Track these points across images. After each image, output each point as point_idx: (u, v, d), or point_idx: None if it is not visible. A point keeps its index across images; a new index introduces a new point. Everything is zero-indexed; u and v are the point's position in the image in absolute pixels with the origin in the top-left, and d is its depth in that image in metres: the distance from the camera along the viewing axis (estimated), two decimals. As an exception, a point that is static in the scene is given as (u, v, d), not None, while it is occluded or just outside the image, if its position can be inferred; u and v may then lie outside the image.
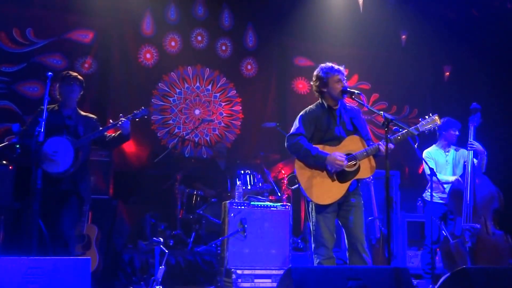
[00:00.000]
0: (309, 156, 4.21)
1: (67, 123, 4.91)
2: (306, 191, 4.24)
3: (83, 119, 5.04)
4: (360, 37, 9.06)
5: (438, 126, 4.61)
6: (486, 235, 5.74)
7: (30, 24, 7.82)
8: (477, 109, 5.95)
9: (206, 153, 8.77)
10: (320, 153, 4.20)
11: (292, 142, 4.31)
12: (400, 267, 3.27)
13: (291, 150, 4.35)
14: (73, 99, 5.00)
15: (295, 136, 4.32)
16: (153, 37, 8.61)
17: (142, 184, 8.10)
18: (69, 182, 4.80)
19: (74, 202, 4.84)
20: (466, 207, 5.75)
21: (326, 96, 4.39)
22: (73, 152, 4.76)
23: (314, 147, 4.23)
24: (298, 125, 4.36)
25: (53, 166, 4.73)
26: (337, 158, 4.15)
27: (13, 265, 3.51)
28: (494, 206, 5.87)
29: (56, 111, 4.98)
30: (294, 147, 4.30)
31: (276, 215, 6.09)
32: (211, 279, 6.20)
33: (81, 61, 8.11)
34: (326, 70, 4.38)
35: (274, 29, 9.27)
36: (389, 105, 9.60)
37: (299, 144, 4.25)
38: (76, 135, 4.88)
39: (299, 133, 4.32)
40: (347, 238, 4.32)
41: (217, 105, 8.95)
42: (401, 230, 7.32)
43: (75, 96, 5.00)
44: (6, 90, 7.65)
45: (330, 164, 4.18)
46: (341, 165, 4.16)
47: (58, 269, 3.59)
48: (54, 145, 4.76)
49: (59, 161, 4.74)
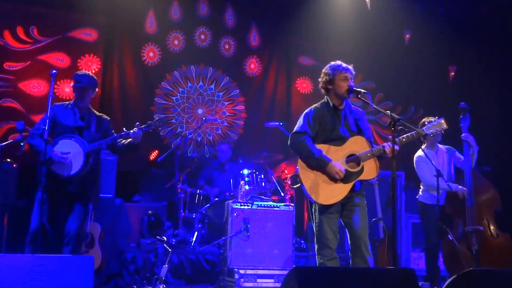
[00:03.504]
0: (312, 158, 4.16)
1: (79, 124, 4.84)
2: (309, 191, 4.20)
3: (96, 120, 4.96)
4: (365, 37, 9.05)
5: None
6: (490, 237, 5.71)
7: (34, 23, 7.84)
8: (466, 109, 5.86)
9: (208, 152, 8.76)
10: (323, 157, 4.14)
11: (296, 141, 4.24)
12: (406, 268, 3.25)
13: (294, 149, 4.29)
14: (85, 98, 4.91)
15: (300, 134, 4.26)
16: (156, 36, 8.62)
17: (145, 183, 8.11)
18: (78, 184, 4.75)
19: (82, 204, 4.80)
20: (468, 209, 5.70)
21: (331, 94, 4.33)
22: (83, 156, 4.70)
23: (318, 150, 4.18)
24: (303, 123, 4.29)
25: (63, 168, 4.67)
26: (337, 171, 4.11)
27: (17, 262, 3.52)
28: (496, 207, 5.84)
29: (69, 109, 4.90)
30: (297, 146, 4.24)
31: (279, 215, 6.07)
32: (214, 279, 6.19)
33: (85, 60, 8.12)
34: (333, 67, 4.32)
35: (277, 28, 9.26)
36: (394, 105, 9.57)
37: (303, 144, 4.20)
38: (87, 136, 4.82)
39: (303, 132, 4.25)
40: (350, 238, 4.28)
41: (220, 104, 8.94)
42: (405, 231, 7.29)
43: (88, 95, 4.92)
44: (10, 88, 7.66)
45: (328, 173, 4.16)
46: (338, 178, 4.12)
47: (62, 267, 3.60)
48: (65, 147, 4.70)
49: (69, 164, 4.67)
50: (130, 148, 4.96)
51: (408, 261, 7.18)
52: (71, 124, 4.81)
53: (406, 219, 7.35)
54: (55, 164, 4.62)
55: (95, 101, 7.96)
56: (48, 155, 4.52)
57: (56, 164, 4.63)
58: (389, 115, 3.89)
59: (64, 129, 4.76)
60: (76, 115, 4.87)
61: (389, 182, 5.79)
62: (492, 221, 5.78)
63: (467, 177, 5.77)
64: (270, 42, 9.29)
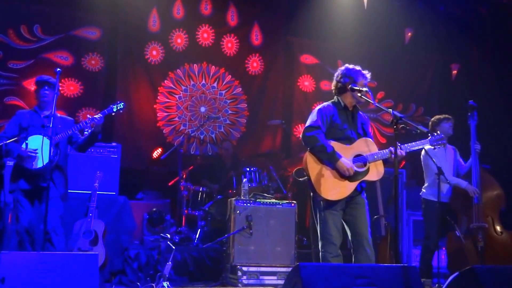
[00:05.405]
0: (324, 152, 4.22)
1: (44, 122, 5.01)
2: (315, 185, 4.25)
3: (60, 119, 5.15)
4: (366, 35, 9.06)
5: None
6: (494, 235, 5.74)
7: (37, 21, 7.88)
8: (473, 107, 5.92)
9: (211, 150, 8.79)
10: (335, 153, 4.22)
11: (310, 135, 4.29)
12: (409, 266, 3.28)
13: (307, 142, 4.33)
14: (48, 102, 5.09)
15: (313, 128, 4.31)
16: (159, 34, 8.64)
17: (148, 181, 8.14)
18: (47, 179, 4.81)
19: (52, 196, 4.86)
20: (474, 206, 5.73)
21: (345, 95, 4.43)
22: (51, 148, 4.81)
23: (330, 145, 4.25)
24: (316, 118, 4.35)
25: (33, 162, 4.85)
26: (347, 167, 4.19)
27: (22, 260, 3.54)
28: (501, 205, 5.87)
29: (33, 113, 5.13)
30: (310, 140, 4.28)
31: (281, 213, 6.11)
32: (217, 276, 6.21)
33: (88, 58, 8.16)
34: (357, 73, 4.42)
35: (279, 27, 9.29)
36: (395, 103, 9.59)
37: (316, 138, 4.25)
38: (54, 132, 4.94)
39: (317, 126, 4.31)
40: (352, 235, 4.33)
41: (223, 103, 8.96)
42: (406, 228, 7.33)
43: (49, 98, 5.07)
44: (14, 86, 7.70)
45: (339, 168, 4.22)
46: (348, 174, 4.20)
47: (67, 264, 3.61)
48: (34, 143, 4.89)
49: (38, 157, 4.85)
50: (92, 138, 5.10)
51: (410, 258, 7.22)
52: (38, 123, 5.03)
53: (407, 216, 7.39)
54: (25, 160, 4.85)
55: (98, 99, 8.06)
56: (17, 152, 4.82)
57: (26, 160, 4.85)
58: (392, 113, 3.92)
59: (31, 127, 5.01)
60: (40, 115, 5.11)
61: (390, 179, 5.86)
62: (496, 218, 5.81)
63: (474, 174, 5.81)
64: (273, 40, 9.30)
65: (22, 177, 4.92)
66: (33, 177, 4.90)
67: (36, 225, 4.88)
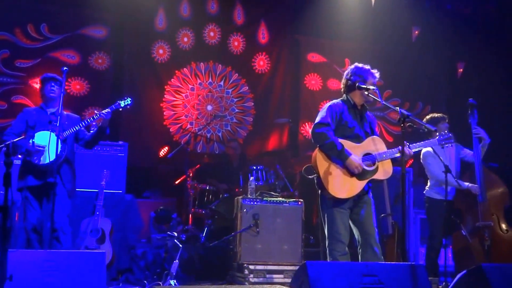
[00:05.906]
0: (334, 149, 4.22)
1: (51, 119, 5.04)
2: (324, 182, 4.24)
3: (66, 117, 5.17)
4: (373, 33, 9.04)
5: None
6: (500, 233, 5.71)
7: (44, 20, 7.90)
8: (473, 105, 5.88)
9: (218, 149, 8.80)
10: (344, 151, 4.21)
11: (320, 131, 4.27)
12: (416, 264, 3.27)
13: (316, 138, 4.31)
14: (54, 98, 5.14)
15: (323, 125, 4.29)
16: (166, 33, 8.65)
17: (155, 179, 8.16)
18: (54, 175, 4.85)
19: (60, 194, 4.88)
20: (479, 205, 5.71)
21: (355, 94, 4.43)
22: (59, 144, 4.85)
23: (340, 143, 4.24)
24: (325, 114, 4.34)
25: (41, 157, 4.88)
26: (356, 165, 4.19)
27: (30, 258, 3.56)
28: (506, 203, 5.84)
29: (40, 110, 5.18)
30: (320, 136, 4.27)
31: (288, 211, 6.10)
32: (224, 274, 6.22)
33: (95, 57, 8.18)
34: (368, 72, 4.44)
35: (286, 25, 9.28)
36: (402, 101, 9.56)
37: (326, 135, 4.24)
38: (61, 129, 4.98)
39: (327, 123, 4.30)
40: (359, 233, 4.33)
41: (229, 101, 8.97)
42: (413, 227, 7.31)
43: (56, 94, 5.12)
44: (21, 85, 7.74)
45: (348, 166, 4.21)
46: (357, 172, 4.20)
47: (74, 263, 3.63)
48: (41, 139, 4.91)
49: (46, 152, 4.88)
50: (99, 133, 5.16)
51: (417, 256, 7.20)
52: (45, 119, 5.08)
53: (414, 214, 7.37)
54: (33, 155, 4.88)
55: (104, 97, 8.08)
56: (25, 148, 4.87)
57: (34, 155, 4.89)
58: (399, 111, 3.92)
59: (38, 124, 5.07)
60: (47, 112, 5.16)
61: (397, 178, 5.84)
62: (501, 216, 5.78)
63: (477, 172, 5.78)
64: (279, 39, 9.30)
65: (30, 173, 4.94)
66: (41, 173, 4.92)
67: (44, 223, 4.91)
